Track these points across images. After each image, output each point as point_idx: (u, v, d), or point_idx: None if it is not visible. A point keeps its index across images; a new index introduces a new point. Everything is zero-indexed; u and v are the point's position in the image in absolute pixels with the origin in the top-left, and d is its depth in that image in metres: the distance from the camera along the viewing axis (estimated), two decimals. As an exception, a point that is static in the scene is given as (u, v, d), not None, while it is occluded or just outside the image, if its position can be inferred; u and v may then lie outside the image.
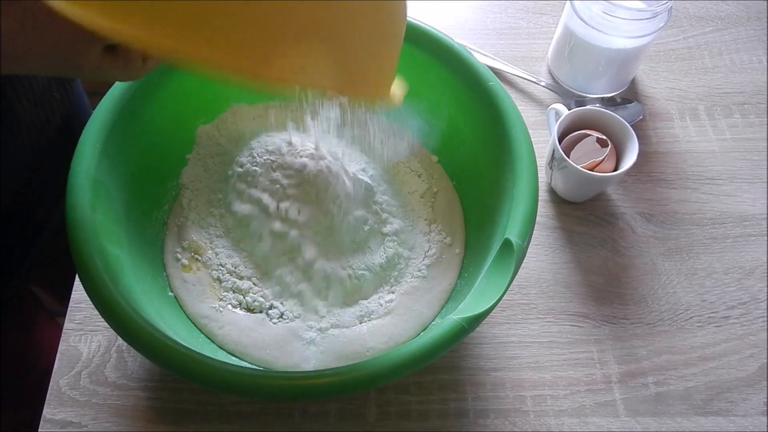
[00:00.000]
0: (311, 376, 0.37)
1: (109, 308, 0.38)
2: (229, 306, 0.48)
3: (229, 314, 0.48)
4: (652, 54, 0.70)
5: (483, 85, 0.48)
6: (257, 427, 0.48)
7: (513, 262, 0.40)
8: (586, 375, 0.51)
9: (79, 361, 0.50)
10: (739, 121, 0.65)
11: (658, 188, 0.61)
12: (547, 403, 0.50)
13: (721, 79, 0.68)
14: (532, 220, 0.42)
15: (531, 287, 0.55)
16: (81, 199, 0.42)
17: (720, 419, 0.49)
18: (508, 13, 0.73)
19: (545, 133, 0.63)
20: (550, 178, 0.59)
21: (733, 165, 0.62)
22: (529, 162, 0.44)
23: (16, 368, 0.65)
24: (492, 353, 0.52)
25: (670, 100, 0.67)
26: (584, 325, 0.53)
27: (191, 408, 0.49)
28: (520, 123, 0.46)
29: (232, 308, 0.48)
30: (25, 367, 0.67)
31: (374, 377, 0.37)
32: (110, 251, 0.42)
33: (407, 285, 0.49)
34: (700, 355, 0.52)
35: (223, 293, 0.49)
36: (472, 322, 0.38)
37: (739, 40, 0.71)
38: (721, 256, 0.57)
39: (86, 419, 0.48)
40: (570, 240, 0.58)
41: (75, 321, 0.52)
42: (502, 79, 0.68)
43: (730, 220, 0.59)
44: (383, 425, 0.48)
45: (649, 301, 0.55)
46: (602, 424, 0.49)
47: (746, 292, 0.55)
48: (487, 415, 0.49)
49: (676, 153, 0.63)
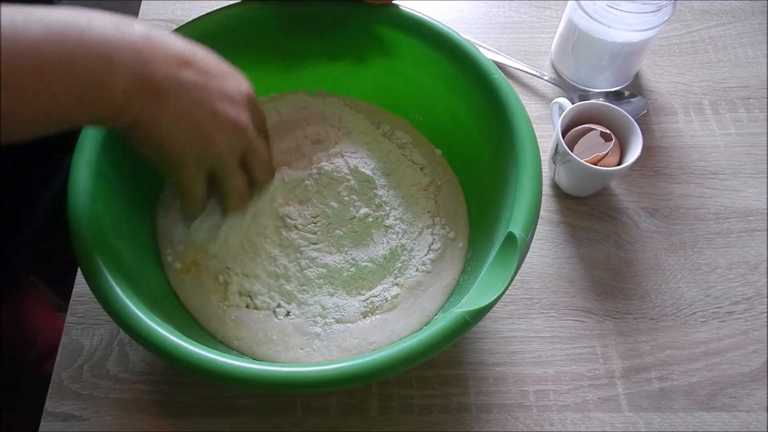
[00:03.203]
0: (313, 369, 0.37)
1: (110, 301, 0.38)
2: (234, 305, 0.48)
3: (233, 310, 0.47)
4: (656, 48, 0.69)
5: (487, 79, 0.48)
6: (259, 420, 0.48)
7: (516, 256, 0.39)
8: (589, 370, 0.51)
9: (81, 355, 0.50)
10: (743, 115, 0.65)
11: (661, 183, 0.60)
12: (549, 398, 0.50)
13: (726, 73, 0.68)
14: (535, 213, 0.41)
15: (534, 282, 0.55)
16: (82, 191, 0.42)
17: (724, 415, 0.49)
18: (511, 7, 0.73)
19: (549, 127, 0.63)
20: (554, 173, 0.59)
21: (738, 160, 0.62)
22: (532, 155, 0.44)
23: (10, 352, 0.65)
24: (495, 348, 0.52)
25: (674, 95, 0.66)
26: (587, 320, 0.53)
27: (193, 401, 0.48)
28: (524, 116, 0.46)
29: (237, 306, 0.48)
30: (19, 352, 0.67)
31: (377, 371, 0.36)
32: (112, 244, 0.42)
33: (411, 279, 0.49)
34: (704, 351, 0.52)
35: (228, 295, 0.48)
36: (475, 315, 0.38)
37: (743, 34, 0.71)
38: (725, 251, 0.57)
39: (88, 413, 0.48)
40: (573, 235, 0.57)
41: (77, 314, 0.52)
42: (506, 73, 0.67)
43: (734, 215, 0.59)
44: (385, 419, 0.48)
45: (652, 297, 0.54)
46: (605, 420, 0.49)
47: (750, 287, 0.55)
48: (489, 409, 0.49)
49: (680, 147, 0.63)
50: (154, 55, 0.34)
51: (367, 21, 0.52)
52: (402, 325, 0.47)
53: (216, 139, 0.39)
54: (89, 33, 0.32)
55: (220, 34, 0.51)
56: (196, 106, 0.37)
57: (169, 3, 0.71)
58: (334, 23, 0.53)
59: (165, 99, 0.35)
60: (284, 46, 0.55)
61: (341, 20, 0.52)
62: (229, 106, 0.38)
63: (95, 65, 0.32)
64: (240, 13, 0.51)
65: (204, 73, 0.37)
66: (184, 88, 0.36)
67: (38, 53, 0.30)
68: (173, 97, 0.36)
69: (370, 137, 0.54)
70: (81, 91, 0.32)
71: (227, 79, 0.39)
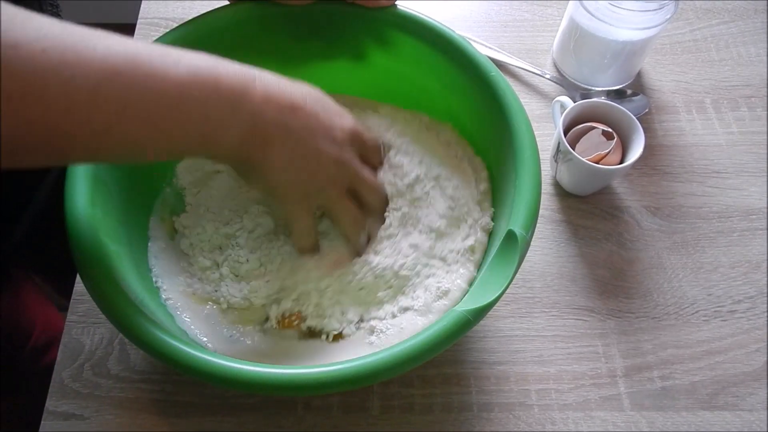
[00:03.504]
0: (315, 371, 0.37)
1: (109, 305, 0.38)
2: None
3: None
4: (659, 46, 0.69)
5: (484, 77, 0.48)
6: (260, 419, 0.48)
7: (517, 254, 0.39)
8: (590, 369, 0.51)
9: (81, 354, 0.50)
10: (745, 114, 0.65)
11: (663, 182, 0.60)
12: (551, 397, 0.50)
13: (728, 72, 0.68)
14: (535, 210, 0.41)
15: (535, 281, 0.55)
16: (80, 195, 0.42)
17: (726, 414, 0.49)
18: (512, 5, 0.73)
19: (550, 126, 0.63)
20: (555, 171, 0.59)
21: (740, 158, 0.62)
22: (531, 152, 0.43)
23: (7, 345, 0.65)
24: (496, 347, 0.52)
25: (677, 93, 0.66)
26: (589, 319, 0.53)
27: (194, 400, 0.48)
28: (522, 113, 0.45)
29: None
30: (16, 344, 0.67)
31: (378, 372, 0.36)
32: (110, 247, 0.42)
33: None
34: (706, 350, 0.52)
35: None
36: (476, 314, 0.37)
37: (746, 32, 0.70)
38: (727, 249, 0.57)
39: (89, 411, 0.48)
40: (575, 233, 0.57)
41: (77, 313, 0.52)
42: (507, 71, 0.67)
43: (736, 214, 0.58)
44: (386, 418, 0.48)
45: (654, 295, 0.54)
46: (607, 419, 0.49)
47: (753, 286, 0.55)
48: (491, 408, 0.49)
49: (682, 146, 0.63)
50: (270, 106, 0.38)
51: (364, 21, 0.52)
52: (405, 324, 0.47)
53: (319, 176, 0.42)
54: (224, 81, 0.36)
55: (221, 33, 0.51)
56: (301, 149, 0.40)
57: (170, 2, 0.71)
58: (332, 23, 0.52)
59: (272, 145, 0.39)
60: (284, 46, 0.54)
61: (339, 20, 0.52)
62: (331, 145, 0.41)
63: (224, 112, 0.36)
64: (240, 12, 0.51)
65: (311, 117, 0.40)
66: (292, 134, 0.39)
67: (182, 95, 0.34)
68: (280, 143, 0.39)
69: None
70: (206, 133, 0.36)
71: (332, 120, 0.42)
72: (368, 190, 0.45)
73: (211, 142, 0.36)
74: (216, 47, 0.52)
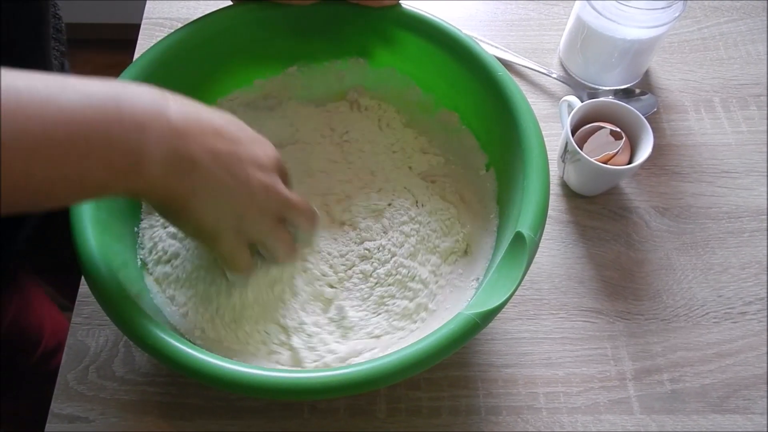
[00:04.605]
0: (320, 375, 0.36)
1: (114, 307, 0.38)
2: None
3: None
4: (666, 45, 0.69)
5: (491, 76, 0.47)
6: (265, 422, 0.48)
7: (525, 256, 0.39)
8: (599, 372, 0.50)
9: (86, 356, 0.50)
10: (755, 113, 0.64)
11: (672, 182, 0.60)
12: (560, 400, 0.49)
13: (737, 70, 0.67)
14: (544, 212, 0.41)
15: (543, 282, 0.54)
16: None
17: (737, 417, 0.48)
18: (519, 4, 0.72)
19: (558, 125, 0.62)
20: (563, 172, 0.58)
21: (750, 158, 0.61)
22: (539, 152, 0.43)
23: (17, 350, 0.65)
24: (504, 349, 0.51)
25: (685, 92, 0.65)
26: (598, 321, 0.52)
27: (199, 403, 0.48)
28: (530, 113, 0.45)
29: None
30: (25, 350, 0.66)
31: (386, 376, 0.36)
32: (115, 248, 0.42)
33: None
34: (717, 352, 0.51)
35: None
36: (485, 317, 0.37)
37: (754, 30, 0.70)
38: (737, 250, 0.56)
39: (94, 414, 0.48)
40: (583, 234, 0.57)
41: (82, 315, 0.51)
42: (513, 71, 0.67)
43: (746, 214, 0.58)
44: (393, 422, 0.48)
45: (663, 297, 0.54)
46: (616, 422, 0.48)
47: (763, 287, 0.54)
48: (498, 412, 0.48)
49: (691, 146, 0.62)
50: (189, 127, 0.35)
51: (368, 20, 0.51)
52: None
53: (251, 208, 0.40)
54: (126, 104, 0.33)
55: (225, 33, 0.50)
56: (229, 178, 0.38)
57: (174, 2, 0.71)
58: (336, 23, 0.52)
59: (199, 171, 0.36)
60: (288, 47, 0.54)
61: (344, 20, 0.52)
62: (259, 172, 0.39)
63: (133, 135, 0.33)
64: (244, 13, 0.51)
65: (234, 142, 0.38)
66: (220, 158, 0.37)
67: (75, 121, 0.31)
68: (207, 167, 0.36)
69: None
70: (116, 160, 0.32)
71: (255, 145, 0.40)
72: (298, 213, 0.43)
73: (126, 172, 0.33)
74: (220, 48, 0.52)
